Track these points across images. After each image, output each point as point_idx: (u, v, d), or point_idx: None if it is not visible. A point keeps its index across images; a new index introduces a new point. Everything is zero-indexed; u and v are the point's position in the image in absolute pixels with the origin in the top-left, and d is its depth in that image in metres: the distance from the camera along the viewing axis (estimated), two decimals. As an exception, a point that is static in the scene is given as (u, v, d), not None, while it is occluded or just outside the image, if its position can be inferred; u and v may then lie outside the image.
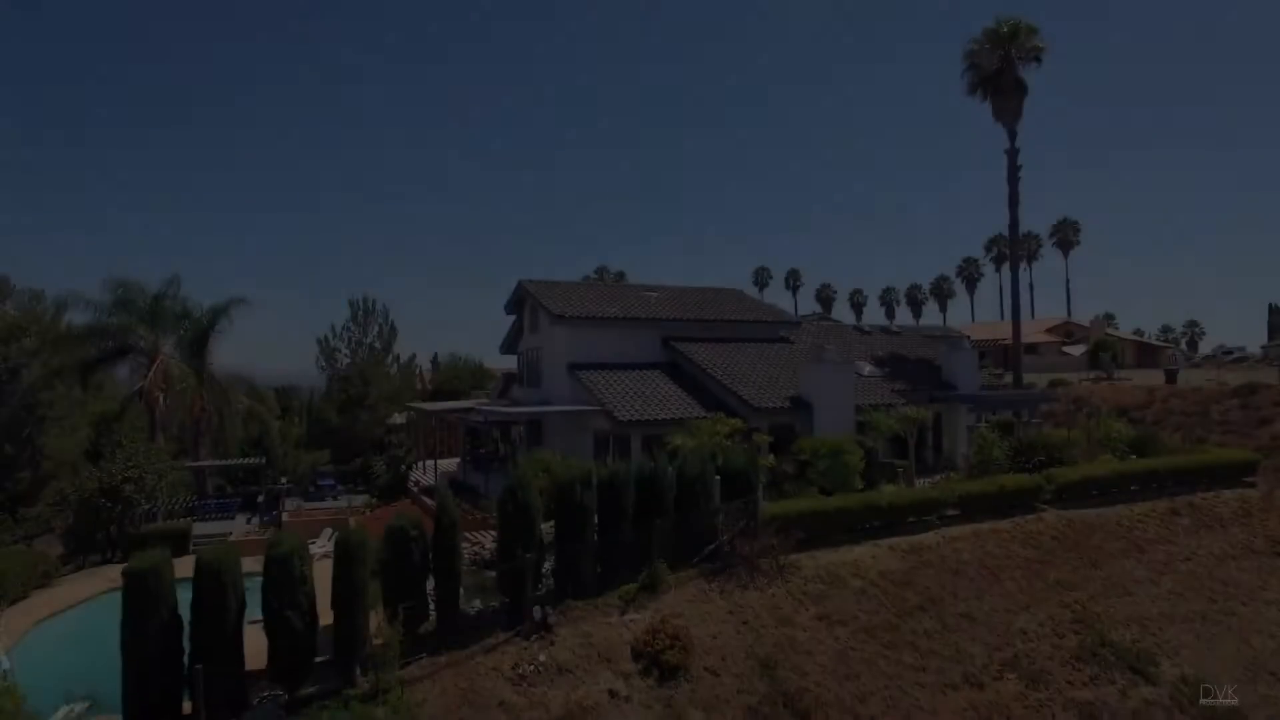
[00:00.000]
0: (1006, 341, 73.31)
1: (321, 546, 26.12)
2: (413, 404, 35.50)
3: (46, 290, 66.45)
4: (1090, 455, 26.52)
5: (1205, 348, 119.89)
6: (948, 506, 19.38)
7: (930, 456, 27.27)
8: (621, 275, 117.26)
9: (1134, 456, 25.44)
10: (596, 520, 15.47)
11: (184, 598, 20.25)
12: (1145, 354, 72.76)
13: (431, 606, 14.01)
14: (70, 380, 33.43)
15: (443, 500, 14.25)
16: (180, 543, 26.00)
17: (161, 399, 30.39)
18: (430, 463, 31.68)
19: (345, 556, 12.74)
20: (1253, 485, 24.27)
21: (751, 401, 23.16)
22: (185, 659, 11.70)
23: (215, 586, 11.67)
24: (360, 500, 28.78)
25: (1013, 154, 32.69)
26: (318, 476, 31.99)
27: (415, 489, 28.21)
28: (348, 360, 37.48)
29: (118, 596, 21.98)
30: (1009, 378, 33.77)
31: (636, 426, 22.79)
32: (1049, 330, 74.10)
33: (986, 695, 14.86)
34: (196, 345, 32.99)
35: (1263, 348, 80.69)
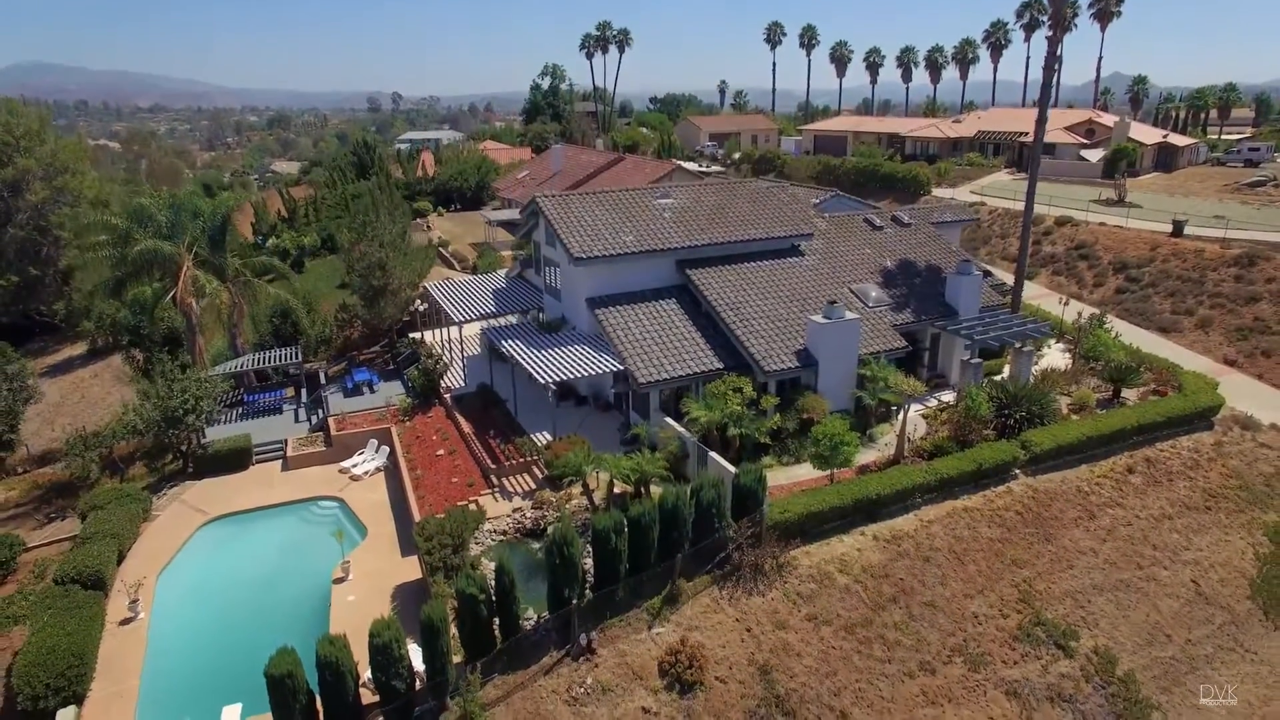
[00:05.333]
0: (1025, 139, 70.98)
1: (370, 460, 29.31)
2: (433, 282, 36.66)
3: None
4: (1073, 379, 28.78)
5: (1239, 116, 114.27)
6: (929, 489, 22.10)
7: (924, 374, 29.44)
8: (625, 33, 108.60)
9: (1113, 399, 27.57)
10: (627, 553, 18.34)
11: (269, 538, 24.37)
12: (1165, 155, 70.76)
13: (497, 635, 17.42)
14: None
15: (501, 564, 16.96)
16: (243, 459, 29.22)
17: (195, 304, 31.67)
18: (457, 362, 33.84)
19: (430, 629, 15.81)
20: (1211, 427, 26.79)
21: (763, 363, 24.88)
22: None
23: (336, 675, 14.88)
24: (396, 399, 31.41)
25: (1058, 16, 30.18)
26: (354, 370, 34.29)
27: (449, 397, 30.76)
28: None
29: (213, 531, 25.70)
30: (1009, 292, 34.46)
31: (655, 385, 24.77)
32: (1070, 128, 71.11)
33: (936, 680, 18.91)
34: (215, 239, 33.36)
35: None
